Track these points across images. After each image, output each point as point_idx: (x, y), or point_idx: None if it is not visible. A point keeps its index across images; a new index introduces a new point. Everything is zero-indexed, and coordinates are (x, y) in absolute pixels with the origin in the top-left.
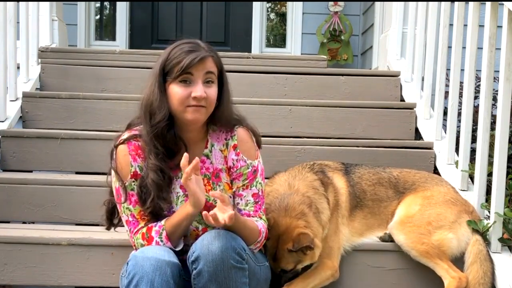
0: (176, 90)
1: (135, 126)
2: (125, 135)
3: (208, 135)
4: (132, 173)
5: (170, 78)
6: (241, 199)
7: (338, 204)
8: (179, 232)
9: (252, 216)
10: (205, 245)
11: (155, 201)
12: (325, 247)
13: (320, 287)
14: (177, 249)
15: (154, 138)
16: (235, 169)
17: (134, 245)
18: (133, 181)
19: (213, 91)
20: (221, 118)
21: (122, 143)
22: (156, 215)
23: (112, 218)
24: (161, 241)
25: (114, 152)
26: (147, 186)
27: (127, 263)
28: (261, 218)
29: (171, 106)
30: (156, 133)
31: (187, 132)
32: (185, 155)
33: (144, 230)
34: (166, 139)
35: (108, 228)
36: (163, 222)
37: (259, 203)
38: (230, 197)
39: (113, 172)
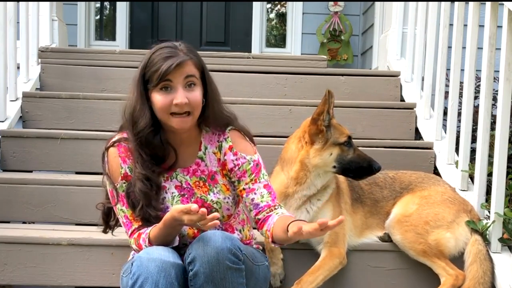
0: (157, 99)
1: (127, 129)
2: (115, 137)
3: (202, 137)
4: (122, 175)
5: (151, 86)
6: (254, 193)
7: (340, 189)
8: (164, 240)
9: (273, 206)
10: (201, 246)
11: (144, 209)
12: (332, 233)
13: (329, 277)
14: (173, 245)
15: (139, 145)
16: (237, 167)
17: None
18: (124, 183)
19: (195, 94)
20: (211, 117)
21: (112, 145)
22: (148, 220)
23: (108, 220)
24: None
25: (106, 155)
26: (135, 194)
27: (132, 264)
28: (280, 205)
29: (156, 113)
30: (140, 141)
31: (177, 135)
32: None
33: (136, 235)
34: (153, 145)
35: (104, 231)
36: (149, 229)
37: (272, 192)
38: (229, 197)
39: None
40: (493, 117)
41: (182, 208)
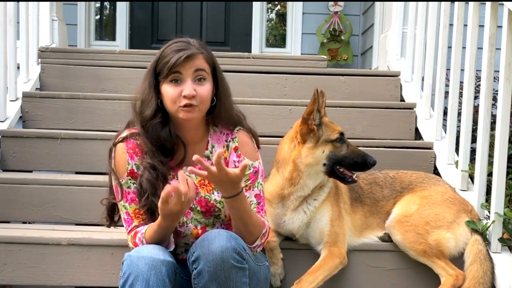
0: (167, 90)
1: (135, 121)
2: (124, 133)
3: (209, 136)
4: (128, 171)
5: (161, 78)
6: None
7: (338, 188)
8: (159, 239)
9: None
10: (205, 245)
11: (149, 199)
12: (331, 233)
13: (329, 277)
14: (169, 250)
15: (146, 136)
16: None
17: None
18: (130, 179)
19: (204, 88)
20: (221, 116)
21: (121, 141)
22: (154, 212)
23: (113, 215)
24: None
25: (113, 150)
26: (142, 183)
27: (122, 263)
28: (263, 218)
29: (166, 106)
30: (147, 131)
31: (185, 131)
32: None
33: (133, 233)
34: (160, 137)
35: (109, 226)
36: (145, 229)
37: (261, 204)
38: None
39: (111, 170)
40: (493, 117)
41: (161, 199)
